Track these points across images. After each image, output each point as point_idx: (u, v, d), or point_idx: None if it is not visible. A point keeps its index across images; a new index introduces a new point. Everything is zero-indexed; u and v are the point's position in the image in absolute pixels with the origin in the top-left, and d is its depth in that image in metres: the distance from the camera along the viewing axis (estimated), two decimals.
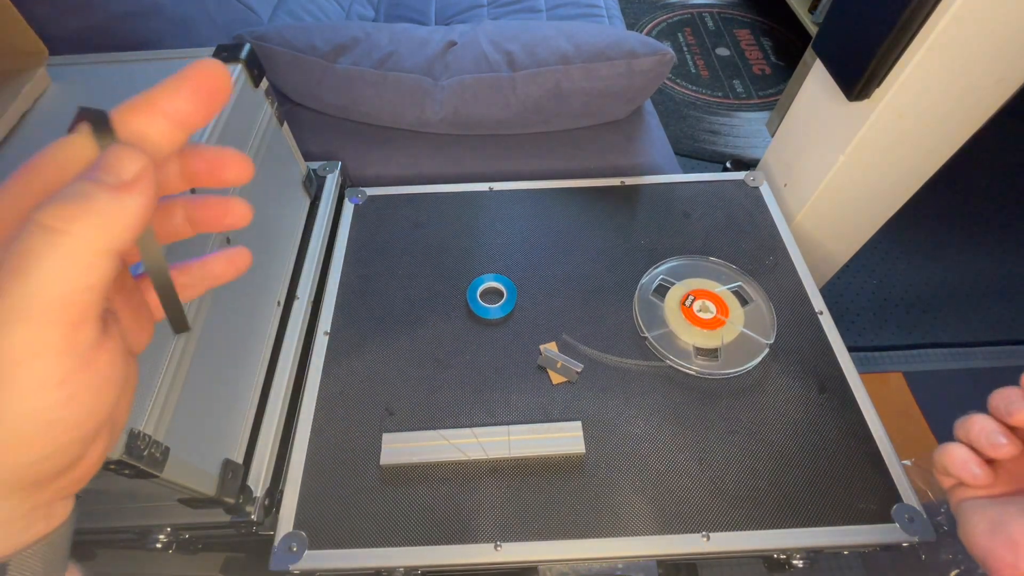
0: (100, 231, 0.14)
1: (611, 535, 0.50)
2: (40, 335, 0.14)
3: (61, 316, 0.14)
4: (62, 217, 0.14)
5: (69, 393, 0.15)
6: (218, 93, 0.17)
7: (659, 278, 0.67)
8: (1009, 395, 0.32)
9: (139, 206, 0.15)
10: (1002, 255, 1.29)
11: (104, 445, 0.19)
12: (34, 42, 0.56)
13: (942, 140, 0.66)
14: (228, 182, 0.20)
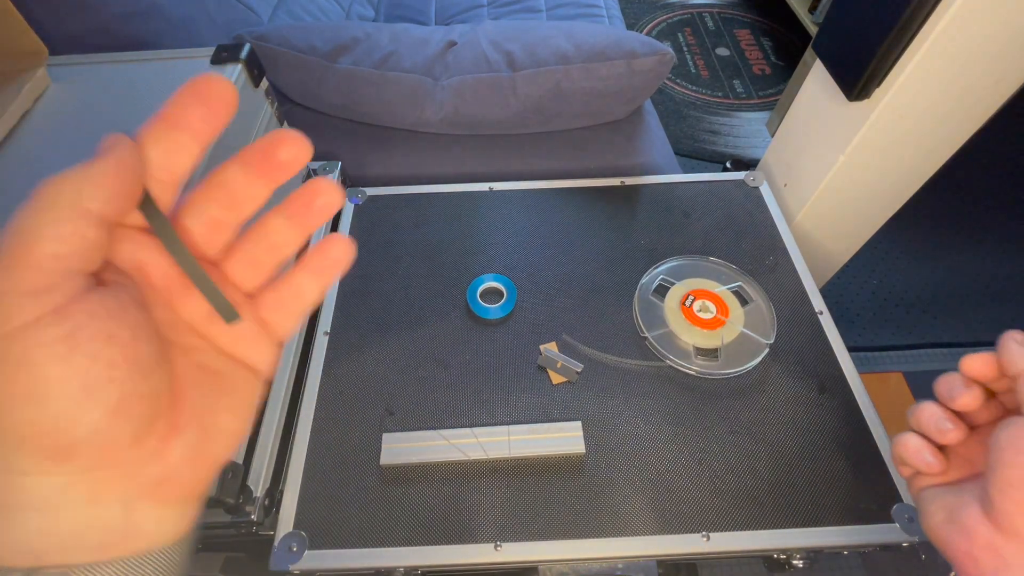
0: (68, 188, 0.16)
1: (611, 535, 0.50)
2: (13, 274, 0.15)
3: (28, 257, 0.15)
4: (43, 183, 0.16)
5: (43, 338, 0.15)
6: (217, 100, 0.18)
7: (659, 278, 0.67)
8: (952, 381, 0.32)
9: (105, 166, 0.16)
10: (1002, 255, 1.29)
11: (188, 450, 0.18)
12: (34, 42, 0.56)
13: (942, 140, 0.66)
14: (287, 163, 0.20)
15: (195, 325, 0.20)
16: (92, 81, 0.58)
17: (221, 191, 0.20)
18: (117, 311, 0.17)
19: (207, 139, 0.19)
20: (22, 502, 0.16)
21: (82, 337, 0.15)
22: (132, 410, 0.16)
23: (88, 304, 0.16)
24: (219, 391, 0.20)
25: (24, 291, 0.15)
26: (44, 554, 0.16)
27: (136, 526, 0.17)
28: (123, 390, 0.16)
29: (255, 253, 0.21)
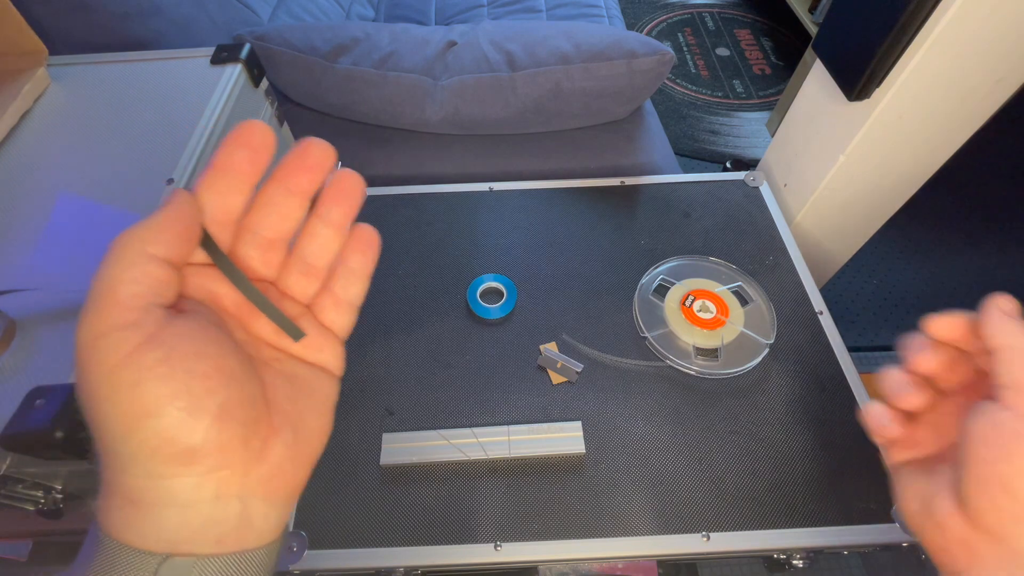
0: (135, 238, 0.19)
1: (611, 535, 0.50)
2: (104, 315, 0.18)
3: (113, 299, 0.18)
4: (119, 236, 0.19)
5: (145, 362, 0.18)
6: (257, 141, 0.21)
7: (659, 278, 0.67)
8: (917, 343, 0.31)
9: (165, 216, 0.19)
10: (1002, 255, 1.29)
11: (285, 449, 0.21)
12: (34, 42, 0.56)
13: (942, 140, 0.66)
14: (316, 167, 0.23)
15: (268, 341, 0.23)
16: (92, 81, 0.58)
17: (267, 213, 0.23)
18: (200, 331, 0.19)
19: (254, 179, 0.22)
20: (163, 500, 0.18)
21: (177, 357, 0.18)
22: (234, 415, 0.19)
23: (174, 329, 0.19)
24: (302, 394, 0.23)
25: (119, 326, 0.18)
26: (177, 544, 0.18)
27: (249, 521, 0.20)
28: (222, 398, 0.19)
29: (305, 262, 0.24)
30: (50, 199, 0.47)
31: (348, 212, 0.24)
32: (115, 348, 0.18)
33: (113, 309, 0.18)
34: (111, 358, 0.17)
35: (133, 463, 0.18)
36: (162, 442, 0.18)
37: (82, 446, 0.34)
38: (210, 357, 0.19)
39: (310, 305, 0.24)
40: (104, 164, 0.50)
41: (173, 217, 0.19)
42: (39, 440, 0.33)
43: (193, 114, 0.53)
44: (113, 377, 0.17)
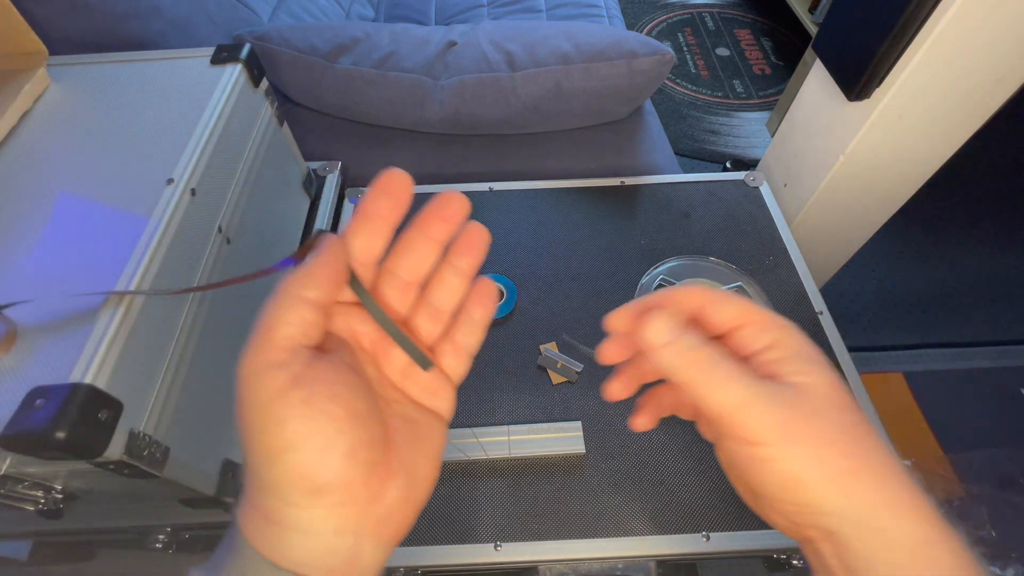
0: (294, 284, 0.21)
1: (611, 535, 0.50)
2: (261, 353, 0.20)
3: (270, 338, 0.20)
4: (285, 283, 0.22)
5: (291, 400, 0.20)
6: (398, 189, 0.24)
7: (659, 278, 0.67)
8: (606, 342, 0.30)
9: (320, 263, 0.22)
10: (1002, 255, 1.29)
11: (403, 494, 0.22)
12: (34, 42, 0.56)
13: (942, 140, 0.66)
14: (453, 216, 0.25)
15: (393, 379, 0.25)
16: (92, 81, 0.58)
17: (407, 257, 0.25)
18: (337, 374, 0.21)
19: (395, 224, 0.24)
20: (293, 525, 0.20)
21: (316, 399, 0.20)
22: (360, 455, 0.21)
23: (316, 371, 0.21)
24: (416, 439, 0.24)
25: (272, 365, 0.20)
26: (299, 565, 0.20)
27: (358, 557, 0.21)
28: (351, 439, 0.20)
29: (433, 307, 0.25)
30: (50, 199, 0.47)
31: (475, 263, 0.26)
32: (268, 384, 0.20)
33: (268, 348, 0.20)
34: (264, 393, 0.20)
35: (273, 489, 0.20)
36: (298, 476, 0.20)
37: (82, 446, 0.34)
38: (344, 400, 0.21)
39: (431, 349, 0.26)
40: (104, 164, 0.50)
41: (326, 263, 0.22)
42: (39, 440, 0.33)
43: (193, 114, 0.53)
44: (264, 411, 0.20)
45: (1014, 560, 0.85)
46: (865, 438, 0.22)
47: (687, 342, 0.23)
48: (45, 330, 0.39)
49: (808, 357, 0.23)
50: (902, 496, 0.21)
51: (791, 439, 0.21)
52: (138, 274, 0.41)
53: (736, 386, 0.22)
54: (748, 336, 0.24)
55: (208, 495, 0.47)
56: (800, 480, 0.21)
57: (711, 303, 0.25)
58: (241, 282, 0.30)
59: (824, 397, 0.22)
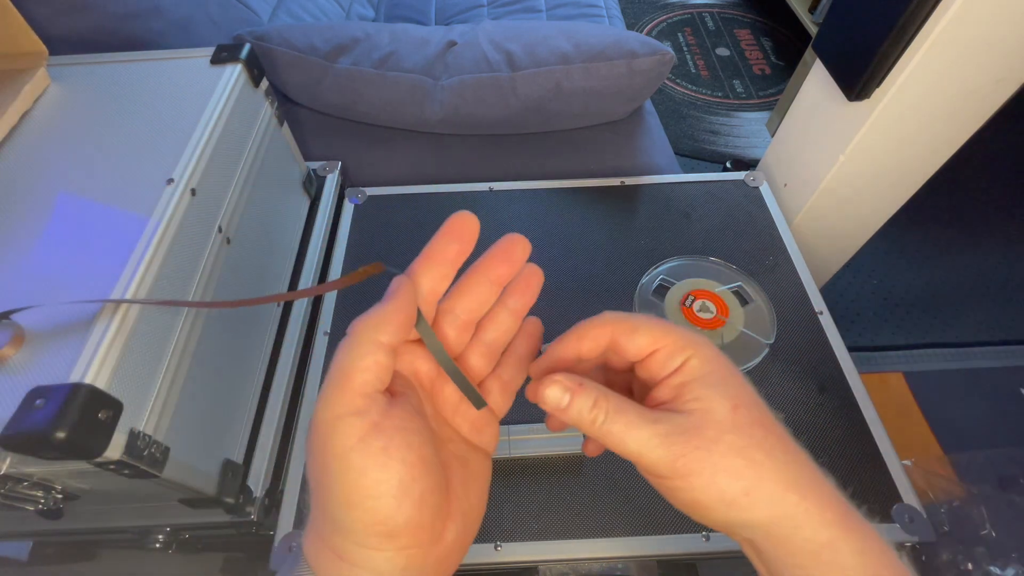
0: (369, 328, 0.22)
1: (611, 535, 0.50)
2: (340, 401, 0.21)
3: (348, 386, 0.21)
4: (352, 325, 0.22)
5: (371, 449, 0.20)
6: (466, 232, 0.25)
7: (659, 278, 0.67)
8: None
9: (394, 307, 0.22)
10: (1002, 255, 1.29)
11: (459, 530, 0.23)
12: (34, 42, 0.56)
13: (942, 140, 0.66)
14: (517, 260, 0.26)
15: (446, 416, 0.26)
16: (92, 81, 0.58)
17: (468, 298, 0.26)
18: (409, 420, 0.22)
19: (459, 266, 0.25)
20: (364, 564, 0.21)
21: (393, 447, 0.21)
22: (429, 500, 0.22)
23: (392, 419, 0.21)
24: (469, 479, 0.25)
25: (352, 412, 0.21)
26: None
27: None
28: (422, 486, 0.21)
29: (485, 344, 0.27)
30: (50, 199, 0.47)
31: (529, 304, 0.27)
32: (348, 433, 0.20)
33: (349, 395, 0.21)
34: (345, 441, 0.20)
35: (348, 532, 0.21)
36: (375, 521, 0.21)
37: (82, 446, 0.34)
38: (416, 447, 0.22)
39: (480, 385, 0.27)
40: (104, 164, 0.50)
41: (400, 308, 0.23)
42: (39, 440, 0.33)
43: (193, 114, 0.53)
44: (345, 459, 0.20)
45: (1014, 560, 0.85)
46: (760, 457, 0.23)
47: (580, 404, 0.24)
48: (45, 330, 0.39)
49: (709, 381, 0.24)
50: (800, 506, 0.22)
51: (685, 472, 0.22)
52: (138, 274, 0.41)
53: (634, 434, 0.23)
54: (659, 361, 0.25)
55: (208, 495, 0.47)
56: (702, 504, 0.23)
57: (622, 335, 0.25)
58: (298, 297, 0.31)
59: (718, 423, 0.23)
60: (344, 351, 0.22)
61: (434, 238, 0.25)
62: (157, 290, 0.43)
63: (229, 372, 0.54)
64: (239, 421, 0.55)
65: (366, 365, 0.21)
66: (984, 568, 0.85)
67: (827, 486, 0.24)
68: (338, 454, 0.20)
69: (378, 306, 0.23)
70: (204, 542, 0.58)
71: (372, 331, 0.22)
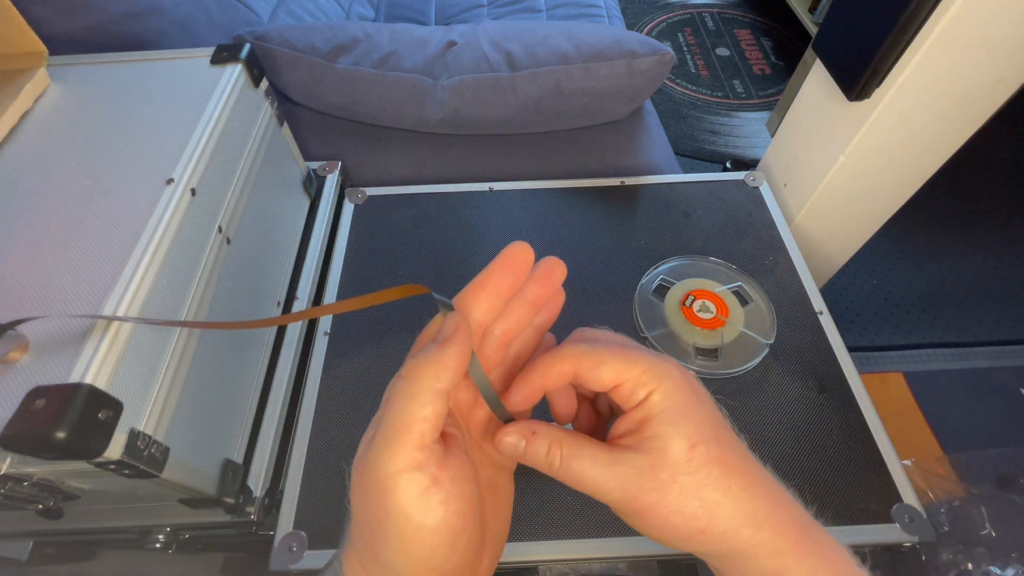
0: (428, 375, 0.21)
1: (611, 535, 0.50)
2: (401, 455, 0.21)
3: (409, 439, 0.21)
4: (408, 368, 0.22)
5: (430, 503, 0.21)
6: (522, 265, 0.25)
7: (659, 278, 0.67)
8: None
9: (455, 354, 0.22)
10: (1002, 255, 1.29)
11: (490, 557, 0.25)
12: (34, 42, 0.56)
13: (942, 140, 0.66)
14: (555, 283, 0.27)
15: (477, 438, 0.26)
16: (92, 81, 0.58)
17: (508, 321, 0.26)
18: (461, 468, 0.22)
19: (510, 296, 0.25)
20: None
21: (451, 500, 0.21)
22: (474, 541, 0.23)
23: (449, 470, 0.22)
24: (498, 505, 0.26)
25: (413, 467, 0.21)
26: None
27: None
28: (470, 532, 0.22)
29: (511, 358, 0.27)
30: (50, 199, 0.47)
31: (552, 321, 0.28)
32: (409, 489, 0.21)
33: (408, 450, 0.21)
34: (405, 497, 0.21)
35: (397, 572, 0.22)
36: (427, 568, 0.21)
37: (82, 446, 0.34)
38: (467, 497, 0.22)
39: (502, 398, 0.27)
40: (104, 164, 0.50)
41: (459, 353, 0.22)
42: (39, 440, 0.33)
43: (193, 114, 0.53)
44: (404, 515, 0.21)
45: (1014, 560, 0.85)
46: (715, 496, 0.23)
47: (535, 449, 0.25)
48: (46, 331, 0.39)
49: (668, 417, 0.24)
50: (752, 539, 0.23)
51: (641, 512, 0.23)
52: (138, 274, 0.41)
53: (590, 475, 0.24)
54: (623, 394, 0.25)
55: (208, 495, 0.47)
56: (660, 540, 0.24)
57: (585, 370, 0.25)
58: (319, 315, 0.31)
59: (673, 465, 0.23)
60: (402, 398, 0.21)
61: (490, 269, 0.25)
62: (157, 290, 0.43)
63: (229, 372, 0.54)
64: (239, 421, 0.55)
65: (425, 415, 0.21)
66: (984, 568, 0.85)
67: (785, 511, 0.24)
68: (398, 509, 0.21)
69: (435, 349, 0.22)
70: (204, 542, 0.58)
71: (432, 379, 0.21)
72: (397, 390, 0.22)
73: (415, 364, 0.22)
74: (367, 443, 0.22)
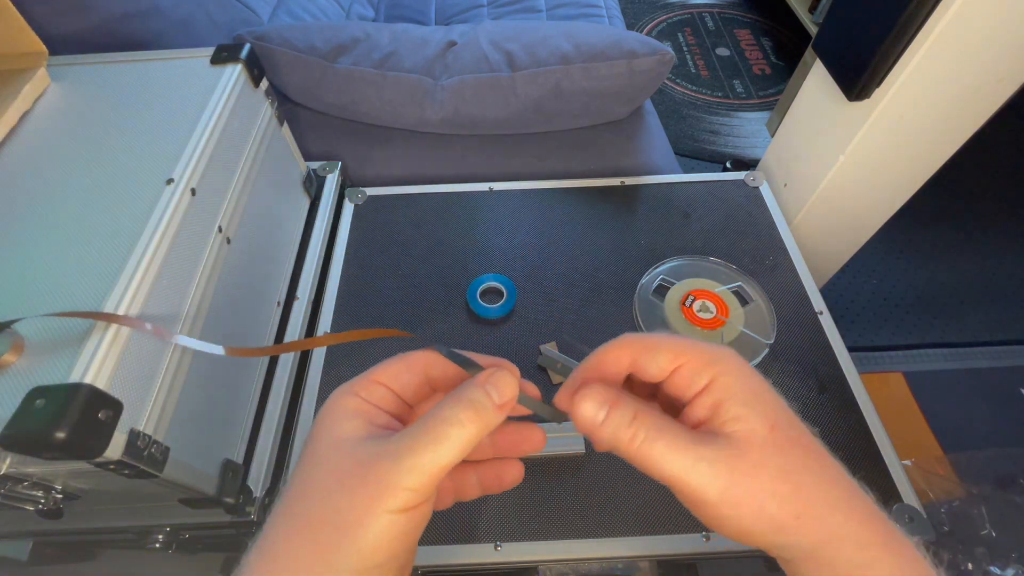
0: (479, 429, 0.22)
1: (611, 535, 0.50)
2: (417, 488, 0.21)
3: (430, 480, 0.21)
4: (464, 416, 0.22)
5: (404, 531, 0.21)
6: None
7: (659, 278, 0.67)
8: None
9: (500, 420, 0.23)
10: (1002, 255, 1.29)
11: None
12: (34, 42, 0.56)
13: (942, 140, 0.66)
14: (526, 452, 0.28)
15: None
16: (92, 81, 0.58)
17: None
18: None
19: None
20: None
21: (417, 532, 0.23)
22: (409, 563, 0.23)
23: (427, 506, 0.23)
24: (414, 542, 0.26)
25: (412, 505, 0.21)
26: None
27: None
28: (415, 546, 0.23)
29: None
30: (50, 199, 0.47)
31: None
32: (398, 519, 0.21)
33: (425, 483, 0.21)
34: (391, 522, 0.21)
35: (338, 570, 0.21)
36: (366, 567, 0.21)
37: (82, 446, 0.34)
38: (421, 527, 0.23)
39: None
40: (104, 164, 0.50)
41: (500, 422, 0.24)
42: (39, 440, 0.33)
43: (193, 114, 0.53)
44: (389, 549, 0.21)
45: (1014, 560, 0.85)
46: (806, 479, 0.22)
47: (618, 419, 0.23)
48: (46, 331, 0.39)
49: (743, 398, 0.23)
50: (843, 527, 0.22)
51: (734, 503, 0.21)
52: (138, 274, 0.41)
53: (676, 456, 0.22)
54: (684, 378, 0.23)
55: (208, 495, 0.47)
56: (749, 533, 0.22)
57: (641, 354, 0.24)
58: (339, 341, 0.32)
59: (761, 445, 0.22)
60: (446, 441, 0.22)
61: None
62: (157, 290, 0.43)
63: (229, 372, 0.54)
64: (239, 421, 0.55)
65: (452, 462, 0.22)
66: (984, 568, 0.85)
67: (866, 502, 0.23)
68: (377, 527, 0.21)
69: (493, 410, 0.23)
70: (204, 542, 0.58)
71: (479, 433, 0.22)
72: (447, 432, 0.21)
73: (470, 414, 0.22)
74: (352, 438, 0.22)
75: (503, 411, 0.23)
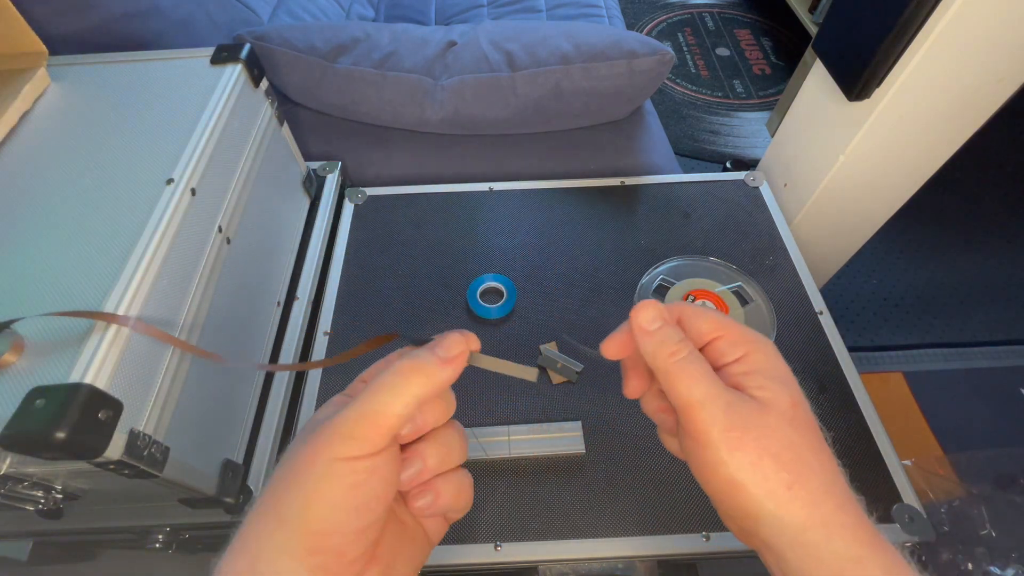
0: (423, 381, 0.23)
1: (611, 535, 0.50)
2: (360, 436, 0.22)
3: (373, 427, 0.22)
4: (407, 366, 0.23)
5: (351, 483, 0.21)
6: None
7: (659, 278, 0.67)
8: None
9: (448, 376, 0.24)
10: (1002, 255, 1.29)
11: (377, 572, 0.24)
12: (34, 42, 0.56)
13: (942, 140, 0.66)
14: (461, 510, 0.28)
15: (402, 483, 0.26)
16: (92, 81, 0.58)
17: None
18: (389, 476, 0.23)
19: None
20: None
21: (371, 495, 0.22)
22: (371, 531, 0.22)
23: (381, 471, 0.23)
24: (402, 540, 0.26)
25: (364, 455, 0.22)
26: None
27: None
28: (373, 514, 0.22)
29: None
30: (50, 199, 0.47)
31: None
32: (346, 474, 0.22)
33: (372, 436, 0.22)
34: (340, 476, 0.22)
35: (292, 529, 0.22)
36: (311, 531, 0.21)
37: (82, 446, 0.34)
38: (379, 498, 0.22)
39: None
40: (104, 164, 0.50)
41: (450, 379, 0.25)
42: (39, 440, 0.33)
43: (193, 114, 0.53)
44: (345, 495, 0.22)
45: (1014, 560, 0.85)
46: (809, 457, 0.23)
47: (668, 334, 0.25)
48: (45, 331, 0.39)
49: (772, 375, 0.25)
50: (836, 516, 0.22)
51: (735, 445, 0.23)
52: (138, 274, 0.41)
53: (700, 385, 0.24)
54: (722, 348, 0.26)
55: (208, 495, 0.47)
56: (739, 485, 0.23)
57: (688, 317, 0.26)
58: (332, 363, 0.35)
59: (780, 414, 0.23)
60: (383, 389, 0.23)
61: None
62: (157, 290, 0.43)
63: (230, 372, 0.54)
64: (239, 421, 0.55)
65: (398, 412, 0.23)
66: (984, 568, 0.85)
67: (858, 507, 0.24)
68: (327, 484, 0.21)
69: (435, 362, 0.24)
70: (204, 542, 0.58)
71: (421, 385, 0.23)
72: (383, 383, 0.23)
73: (408, 366, 0.23)
74: (326, 417, 0.23)
75: (448, 365, 0.24)
